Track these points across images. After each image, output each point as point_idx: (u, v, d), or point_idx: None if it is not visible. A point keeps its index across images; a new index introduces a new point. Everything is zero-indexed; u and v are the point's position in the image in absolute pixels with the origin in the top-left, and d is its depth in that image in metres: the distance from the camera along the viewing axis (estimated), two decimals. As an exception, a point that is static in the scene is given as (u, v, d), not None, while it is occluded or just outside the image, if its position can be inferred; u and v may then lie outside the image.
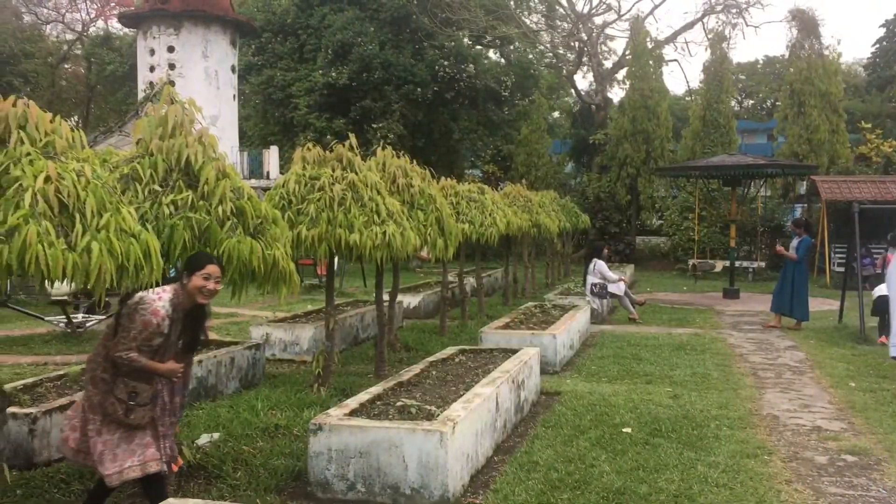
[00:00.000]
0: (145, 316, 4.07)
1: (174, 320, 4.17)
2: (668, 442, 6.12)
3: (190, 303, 4.23)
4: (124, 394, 4.13)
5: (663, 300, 16.75)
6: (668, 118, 27.51)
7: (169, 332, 4.18)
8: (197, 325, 4.41)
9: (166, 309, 4.12)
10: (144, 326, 4.07)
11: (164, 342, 4.19)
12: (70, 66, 46.59)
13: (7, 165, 3.54)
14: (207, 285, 4.19)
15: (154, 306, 4.09)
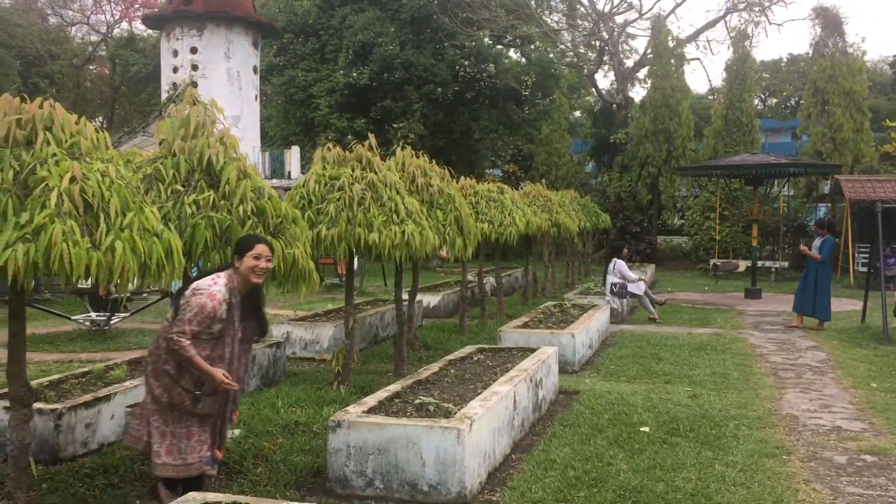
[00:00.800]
0: (202, 299, 4.13)
1: (232, 304, 4.22)
2: (686, 441, 6.12)
3: (245, 286, 4.30)
4: (190, 384, 4.21)
5: (684, 300, 16.68)
6: (690, 117, 27.35)
7: (229, 318, 4.22)
8: (256, 310, 4.46)
9: (223, 293, 4.19)
10: (201, 309, 4.13)
11: (225, 328, 4.24)
12: (95, 68, 47.13)
13: (34, 166, 3.62)
14: (259, 264, 4.27)
15: (211, 290, 4.17)
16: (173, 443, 4.27)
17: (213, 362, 4.23)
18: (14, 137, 3.71)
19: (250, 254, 4.28)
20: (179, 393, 4.22)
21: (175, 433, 4.27)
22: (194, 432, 4.30)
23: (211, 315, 4.16)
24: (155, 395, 4.26)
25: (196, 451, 4.29)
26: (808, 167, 19.35)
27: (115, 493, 4.96)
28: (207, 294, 4.15)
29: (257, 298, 4.47)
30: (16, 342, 3.97)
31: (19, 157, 3.65)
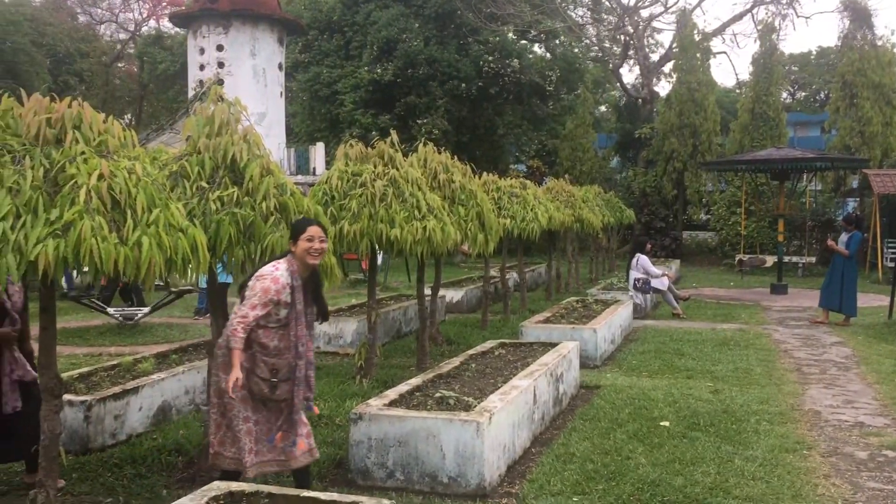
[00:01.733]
0: (265, 283, 4.21)
1: (294, 288, 4.29)
2: (706, 436, 6.14)
3: (304, 270, 4.37)
4: (266, 371, 4.27)
5: (709, 295, 16.61)
6: (716, 111, 27.14)
7: (293, 301, 4.28)
8: (317, 295, 4.53)
9: (285, 277, 4.26)
10: (265, 293, 4.19)
11: (291, 314, 4.29)
12: (123, 65, 47.72)
13: (63, 164, 3.73)
14: (313, 245, 4.34)
15: (274, 274, 4.25)
16: (227, 434, 4.34)
17: (282, 352, 4.30)
18: (44, 136, 3.82)
19: (304, 236, 4.35)
20: (256, 382, 4.28)
21: (230, 426, 4.33)
22: (241, 436, 4.28)
23: (275, 299, 4.23)
24: (220, 387, 4.32)
25: (251, 452, 4.29)
26: (836, 161, 19.17)
27: (143, 482, 5.09)
28: (271, 278, 4.23)
29: (317, 283, 4.55)
30: (46, 335, 4.09)
31: (49, 155, 3.76)
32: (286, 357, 4.32)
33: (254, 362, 4.28)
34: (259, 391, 4.29)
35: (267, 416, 4.37)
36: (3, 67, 33.90)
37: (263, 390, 4.29)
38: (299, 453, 4.39)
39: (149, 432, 6.18)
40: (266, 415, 4.37)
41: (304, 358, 4.37)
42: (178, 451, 5.58)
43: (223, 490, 3.68)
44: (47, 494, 4.00)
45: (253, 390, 4.29)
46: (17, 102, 3.94)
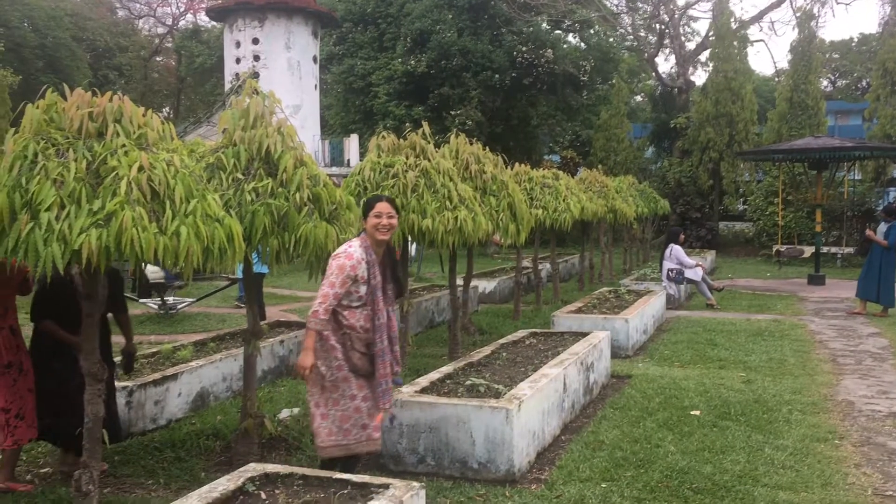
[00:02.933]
0: (340, 260, 4.35)
1: (370, 263, 4.41)
2: (737, 425, 6.15)
3: (377, 246, 4.49)
4: (362, 346, 4.41)
5: (744, 286, 16.46)
6: (753, 100, 26.77)
7: (371, 276, 4.40)
8: (393, 271, 4.65)
9: (358, 252, 4.39)
10: (340, 270, 4.32)
11: (370, 290, 4.40)
12: (161, 59, 48.40)
13: (105, 156, 3.86)
14: (381, 221, 4.45)
15: (347, 251, 4.40)
16: (333, 423, 4.41)
17: (371, 333, 4.41)
18: (87, 129, 3.95)
19: (372, 213, 4.48)
20: (359, 357, 4.40)
21: (331, 414, 4.41)
22: (350, 414, 4.40)
23: (351, 274, 4.34)
24: (321, 372, 4.39)
25: (351, 433, 4.41)
26: (875, 150, 18.81)
27: (182, 465, 5.25)
28: (345, 255, 4.36)
29: (393, 259, 4.66)
30: (90, 322, 4.24)
31: (91, 148, 3.89)
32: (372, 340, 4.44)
33: (349, 339, 4.40)
34: (363, 366, 4.41)
35: (370, 392, 4.48)
36: (45, 62, 34.60)
37: (366, 365, 4.41)
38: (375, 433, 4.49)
39: (187, 417, 6.36)
40: (369, 391, 4.47)
41: (386, 331, 4.46)
42: (216, 436, 5.73)
43: (259, 471, 3.80)
44: (91, 475, 4.15)
45: (357, 366, 4.40)
46: (60, 97, 4.09)
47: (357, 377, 4.43)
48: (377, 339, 4.41)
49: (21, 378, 4.90)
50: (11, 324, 4.88)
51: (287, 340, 7.99)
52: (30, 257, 3.58)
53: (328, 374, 4.39)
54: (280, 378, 7.69)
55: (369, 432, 4.44)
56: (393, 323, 4.57)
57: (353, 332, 4.41)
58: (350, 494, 3.61)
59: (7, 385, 4.80)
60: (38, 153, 3.81)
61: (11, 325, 4.88)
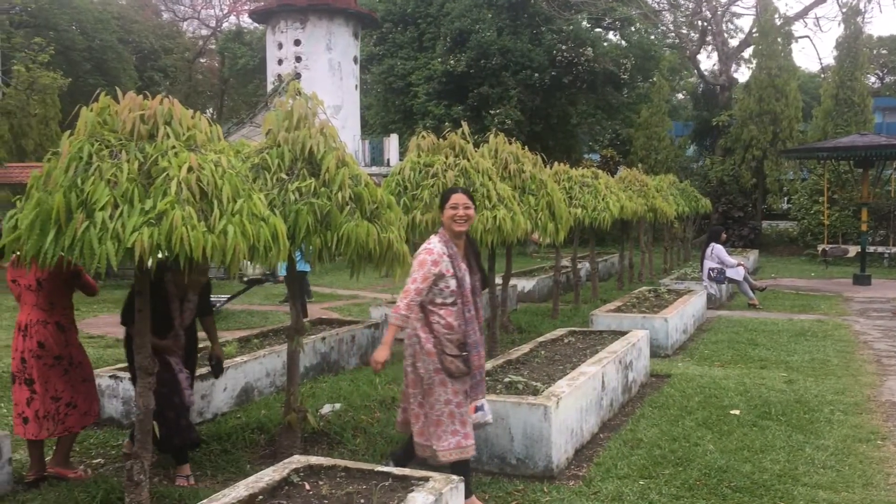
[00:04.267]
0: (420, 256, 4.37)
1: (452, 256, 4.40)
2: (777, 425, 6.12)
3: (455, 238, 4.48)
4: (454, 348, 4.35)
5: (788, 286, 16.25)
6: (798, 97, 26.37)
7: (455, 268, 4.38)
8: (477, 262, 4.61)
9: (437, 247, 4.40)
10: (421, 265, 4.33)
11: (458, 285, 4.37)
12: (205, 61, 49.20)
13: (156, 157, 4.00)
14: (457, 213, 4.45)
15: (427, 247, 4.41)
16: (425, 424, 4.43)
17: (463, 329, 4.37)
18: (138, 131, 4.10)
19: (448, 205, 4.49)
20: (451, 361, 4.35)
21: (426, 415, 4.42)
22: (443, 419, 4.37)
23: (433, 270, 4.33)
24: (419, 374, 4.41)
25: (445, 439, 4.37)
26: (924, 148, 18.41)
27: (228, 458, 5.40)
28: (425, 251, 4.38)
29: (476, 251, 4.64)
30: (142, 317, 4.39)
31: (143, 149, 4.03)
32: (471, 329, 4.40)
33: (440, 343, 4.36)
34: (456, 369, 4.35)
35: (463, 397, 4.43)
36: (92, 64, 35.41)
37: (460, 367, 4.35)
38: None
39: (232, 412, 6.52)
40: (462, 398, 4.43)
41: (477, 323, 4.45)
42: (261, 430, 5.88)
43: (303, 463, 3.92)
44: (142, 465, 4.30)
45: (450, 370, 4.36)
46: (112, 100, 4.24)
47: (452, 382, 4.39)
48: (470, 331, 4.38)
49: (73, 369, 5.05)
50: (58, 319, 5.02)
51: (329, 338, 8.13)
52: (85, 255, 3.73)
53: (426, 376, 4.39)
54: (322, 374, 7.83)
55: (458, 439, 4.38)
56: (481, 315, 4.55)
57: (446, 334, 4.35)
58: (391, 486, 3.70)
59: (58, 375, 4.96)
60: (93, 154, 3.95)
61: (58, 320, 5.02)
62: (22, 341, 4.97)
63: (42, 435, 4.91)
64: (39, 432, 4.90)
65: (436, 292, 4.39)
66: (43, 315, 4.99)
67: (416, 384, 4.45)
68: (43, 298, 4.99)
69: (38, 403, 4.90)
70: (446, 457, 4.38)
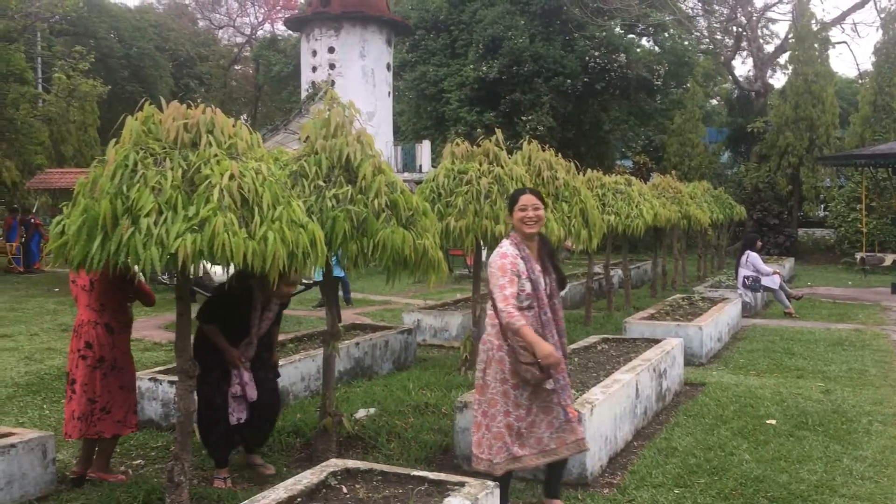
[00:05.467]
0: (496, 261, 4.25)
1: (525, 258, 4.27)
2: (815, 435, 6.06)
3: (527, 239, 4.36)
4: (529, 356, 4.17)
5: (824, 295, 16.04)
6: (835, 104, 26.03)
7: (529, 270, 4.25)
8: (552, 260, 4.46)
9: (510, 250, 4.28)
10: (501, 270, 4.20)
11: (533, 288, 4.23)
12: (240, 68, 49.84)
13: (199, 165, 4.09)
14: (527, 214, 4.33)
15: (499, 251, 4.30)
16: (484, 435, 4.31)
17: (540, 329, 4.23)
18: (182, 140, 4.20)
19: (517, 206, 4.40)
20: (526, 369, 4.21)
21: (488, 426, 4.30)
22: (501, 430, 4.26)
23: (512, 270, 4.21)
24: (486, 381, 4.32)
25: (502, 452, 4.26)
26: (966, 155, 18.09)
27: (265, 460, 5.46)
28: (499, 255, 4.28)
29: (550, 251, 4.50)
30: (182, 321, 4.48)
31: (186, 157, 4.12)
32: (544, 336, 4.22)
33: (514, 351, 4.23)
34: (532, 377, 4.22)
35: (529, 407, 4.31)
36: (129, 71, 36.07)
37: (535, 374, 4.20)
38: (570, 438, 4.39)
39: (268, 415, 6.58)
40: (528, 407, 4.31)
41: (554, 325, 4.33)
42: (296, 433, 5.95)
43: (340, 467, 3.97)
44: (182, 467, 4.39)
45: (525, 378, 4.23)
46: (156, 109, 4.34)
47: (517, 394, 4.27)
48: (546, 334, 4.25)
49: (113, 374, 5.09)
50: (108, 321, 5.10)
51: (363, 343, 8.20)
52: (131, 259, 3.83)
53: (492, 385, 4.30)
54: (355, 379, 7.89)
55: (516, 449, 4.26)
56: (559, 315, 4.41)
57: (520, 340, 4.18)
58: (427, 491, 3.73)
59: (98, 378, 5.02)
60: (138, 162, 4.05)
61: (108, 322, 5.10)
62: (74, 342, 5.09)
63: (74, 435, 4.99)
64: (72, 432, 5.00)
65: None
66: (94, 316, 5.08)
67: (482, 391, 4.36)
68: (94, 299, 5.10)
69: (75, 404, 4.99)
70: (502, 468, 4.27)
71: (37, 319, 11.98)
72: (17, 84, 21.19)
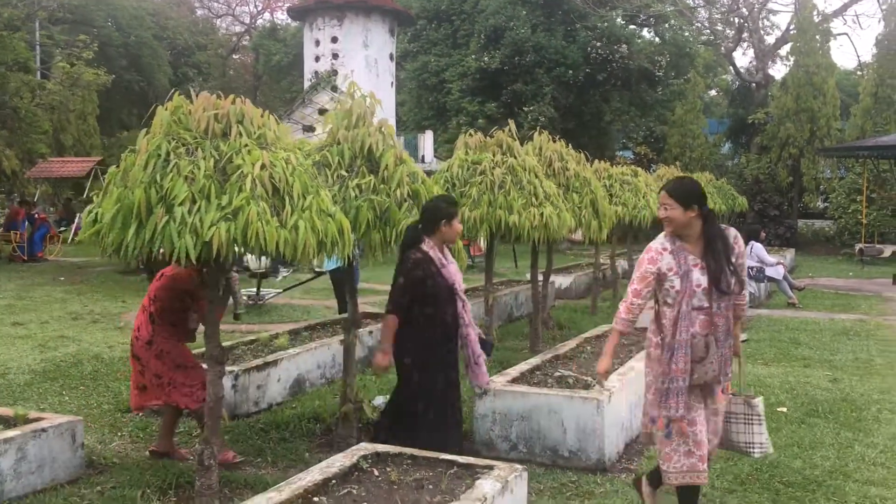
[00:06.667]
0: (641, 256, 4.00)
1: (676, 251, 3.88)
2: (825, 422, 6.16)
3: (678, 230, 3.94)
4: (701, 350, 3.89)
5: (826, 286, 16.15)
6: (836, 95, 26.08)
7: (677, 268, 3.87)
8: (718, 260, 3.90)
9: (658, 243, 3.97)
10: (639, 265, 3.97)
11: (683, 282, 3.85)
12: (239, 57, 49.72)
13: (230, 155, 4.16)
14: (659, 213, 4.02)
15: (649, 245, 3.98)
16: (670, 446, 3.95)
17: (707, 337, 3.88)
18: (212, 130, 4.26)
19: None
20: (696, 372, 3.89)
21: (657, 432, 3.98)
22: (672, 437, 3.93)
23: (651, 268, 3.91)
24: (648, 381, 4.10)
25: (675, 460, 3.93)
26: (967, 147, 18.21)
27: (287, 445, 5.56)
28: (645, 249, 3.99)
29: (727, 245, 3.96)
30: (211, 308, 4.56)
31: (218, 147, 4.19)
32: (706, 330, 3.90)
33: (671, 350, 3.91)
34: (703, 374, 3.88)
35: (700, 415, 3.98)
36: (128, 60, 35.96)
37: (703, 375, 3.87)
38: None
39: (286, 402, 6.69)
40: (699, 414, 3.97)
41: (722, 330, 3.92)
42: (316, 419, 6.04)
43: (370, 450, 4.06)
44: (212, 451, 4.47)
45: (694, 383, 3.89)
46: (185, 100, 4.41)
47: (695, 399, 3.94)
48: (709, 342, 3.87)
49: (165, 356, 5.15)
50: (153, 311, 5.19)
51: (375, 331, 8.27)
52: (165, 247, 3.90)
53: (654, 385, 4.01)
54: (369, 367, 7.97)
55: (694, 461, 3.93)
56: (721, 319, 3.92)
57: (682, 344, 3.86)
58: (457, 474, 3.83)
59: (154, 356, 5.13)
60: (170, 152, 4.11)
61: (153, 312, 5.19)
62: None
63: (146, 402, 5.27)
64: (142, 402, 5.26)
65: (664, 293, 3.95)
66: (146, 301, 5.26)
67: (648, 389, 4.10)
68: (151, 289, 5.27)
69: (141, 377, 5.20)
70: (675, 479, 3.96)
71: (46, 308, 12.04)
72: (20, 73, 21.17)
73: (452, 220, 4.81)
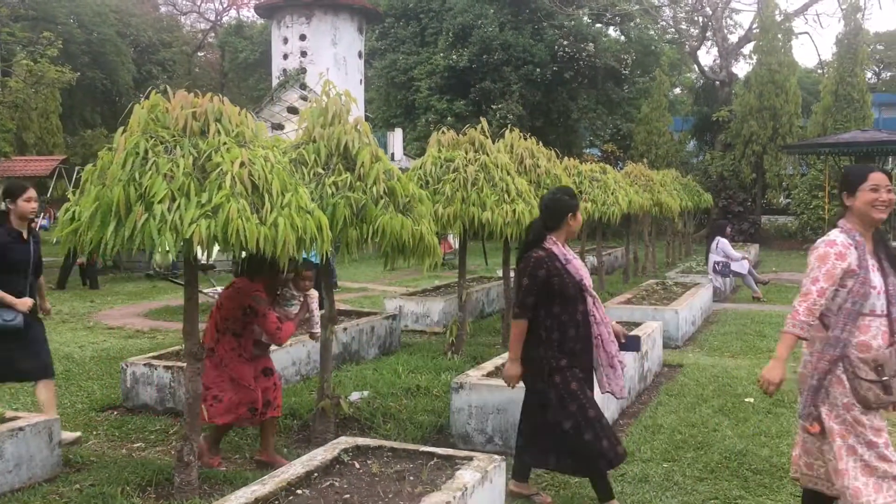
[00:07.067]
0: (819, 250, 3.54)
1: (858, 245, 3.52)
2: (791, 412, 6.32)
3: (864, 228, 3.59)
4: (870, 371, 3.42)
5: (789, 280, 16.48)
6: (798, 93, 26.62)
7: (861, 265, 3.48)
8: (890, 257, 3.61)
9: (841, 238, 3.56)
10: (822, 260, 3.49)
11: (863, 281, 3.46)
12: (204, 55, 49.27)
13: (209, 153, 4.18)
14: (880, 197, 3.54)
15: (827, 239, 3.58)
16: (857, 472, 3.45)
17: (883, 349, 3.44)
18: (191, 128, 4.28)
19: (865, 186, 3.55)
20: (867, 387, 3.42)
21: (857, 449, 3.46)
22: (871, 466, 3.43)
23: (839, 264, 3.47)
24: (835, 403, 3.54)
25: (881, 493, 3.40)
26: (924, 144, 18.69)
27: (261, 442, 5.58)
28: (825, 243, 3.54)
29: (887, 245, 3.66)
30: (190, 305, 4.57)
31: (196, 145, 4.21)
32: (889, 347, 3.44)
33: (849, 364, 3.47)
34: (875, 397, 3.40)
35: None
36: (91, 58, 35.47)
37: (879, 395, 3.40)
38: None
39: (262, 399, 6.69)
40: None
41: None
42: (293, 416, 6.06)
43: (351, 444, 4.12)
44: (191, 447, 4.50)
45: (867, 398, 3.41)
46: (162, 98, 4.42)
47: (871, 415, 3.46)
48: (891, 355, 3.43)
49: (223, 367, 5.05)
50: (217, 321, 5.11)
51: (350, 328, 8.32)
52: (146, 245, 3.92)
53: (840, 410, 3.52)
54: (344, 364, 8.02)
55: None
56: None
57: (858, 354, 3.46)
58: (437, 465, 3.90)
59: (212, 366, 5.01)
60: (149, 150, 4.13)
61: (217, 321, 5.11)
62: None
63: None
64: None
65: (843, 297, 3.49)
66: (214, 310, 5.18)
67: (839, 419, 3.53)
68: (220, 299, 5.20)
69: None
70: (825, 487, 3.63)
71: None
72: (-19, 70, 20.78)
73: (577, 212, 4.54)
